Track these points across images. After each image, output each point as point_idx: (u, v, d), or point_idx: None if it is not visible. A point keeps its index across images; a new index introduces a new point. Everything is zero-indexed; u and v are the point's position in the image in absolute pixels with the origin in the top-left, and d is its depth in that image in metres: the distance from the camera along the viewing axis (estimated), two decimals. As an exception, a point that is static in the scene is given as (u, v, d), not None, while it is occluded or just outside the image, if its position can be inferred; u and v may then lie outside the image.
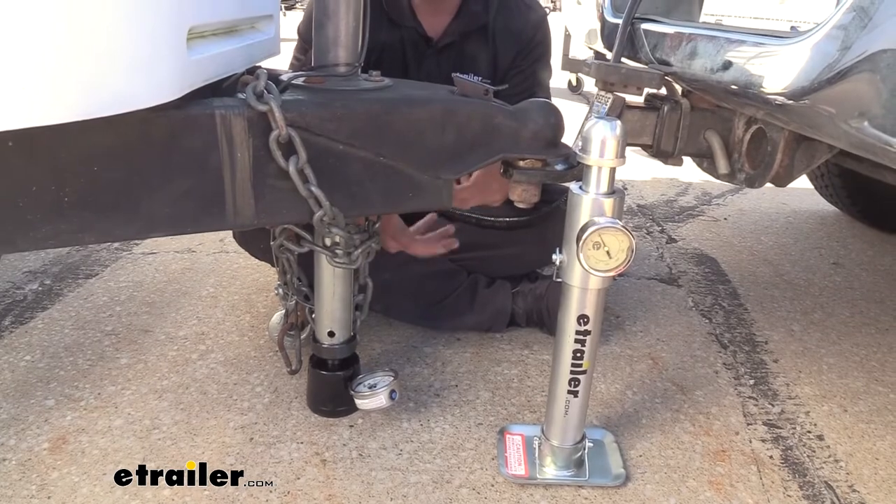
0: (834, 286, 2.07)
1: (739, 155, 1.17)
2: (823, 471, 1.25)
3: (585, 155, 0.95)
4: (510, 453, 1.23)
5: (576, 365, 1.07)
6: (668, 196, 2.96)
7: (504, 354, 1.59)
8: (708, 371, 1.56)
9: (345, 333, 1.27)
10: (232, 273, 1.97)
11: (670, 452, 1.27)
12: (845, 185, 2.57)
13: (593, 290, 1.01)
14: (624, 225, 0.92)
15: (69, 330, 1.62)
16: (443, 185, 1.03)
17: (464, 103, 1.02)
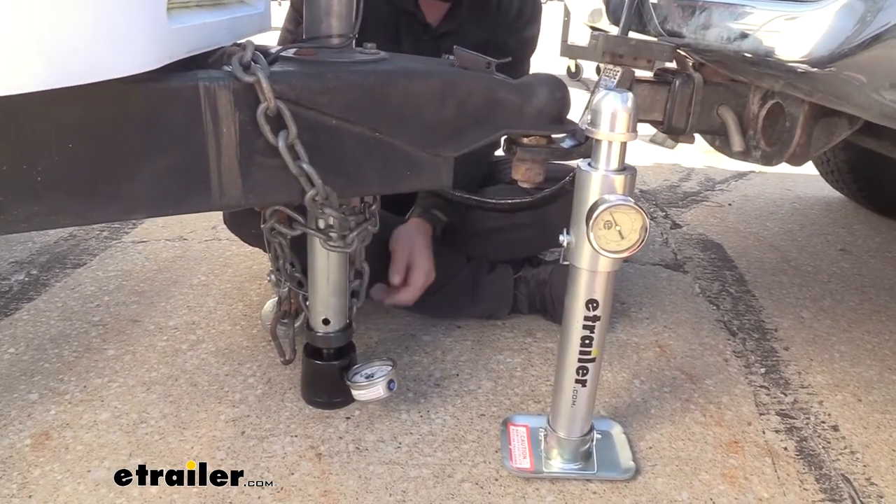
0: (842, 273, 2.03)
1: (755, 132, 1.12)
2: (840, 463, 1.20)
3: (595, 129, 0.89)
4: (514, 445, 1.18)
5: (584, 353, 1.02)
6: (671, 181, 2.91)
7: (506, 342, 1.54)
8: (717, 359, 1.51)
9: (340, 321, 1.22)
10: (224, 261, 1.91)
11: (681, 444, 1.22)
12: (851, 171, 2.53)
13: (603, 272, 0.96)
14: (637, 202, 0.86)
15: (55, 321, 1.57)
16: (442, 163, 0.97)
17: (465, 76, 0.97)
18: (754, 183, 2.95)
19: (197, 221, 2.17)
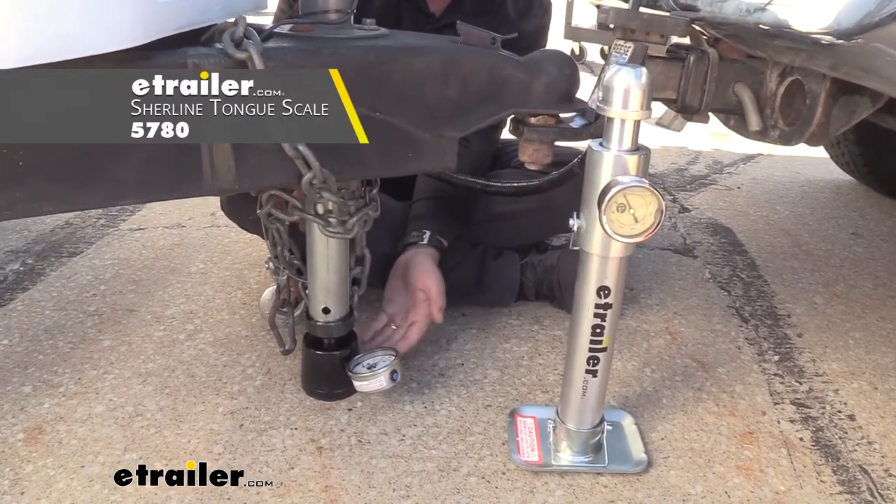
0: (855, 257, 1.98)
1: (772, 110, 1.07)
2: (857, 454, 1.16)
3: (607, 106, 0.84)
4: (522, 438, 1.14)
5: (595, 342, 0.98)
6: (679, 165, 2.86)
7: (513, 330, 1.50)
8: (730, 346, 1.47)
9: (341, 310, 1.18)
10: (223, 248, 1.87)
11: (694, 435, 1.18)
12: (863, 154, 2.47)
13: (615, 258, 0.92)
14: (652, 184, 0.82)
15: (50, 311, 1.53)
16: (446, 144, 0.93)
17: (469, 53, 0.93)
18: (763, 166, 2.90)
19: (196, 208, 2.13)
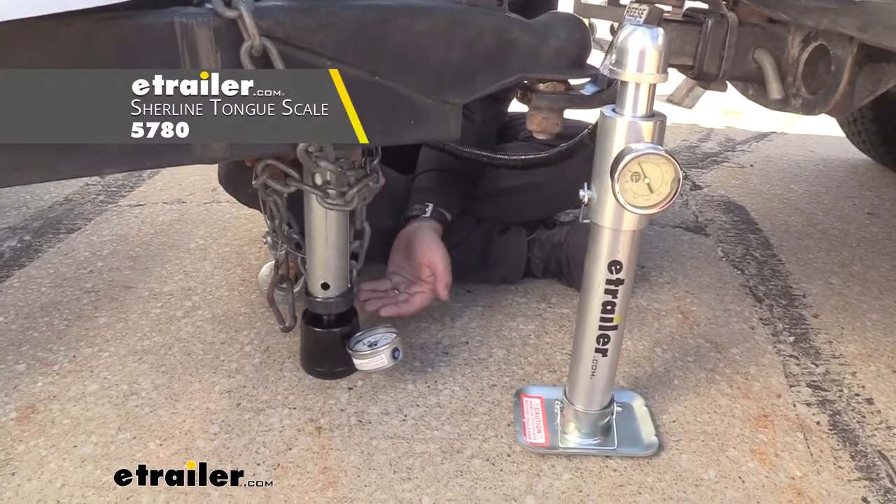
0: (871, 237, 1.93)
1: (794, 78, 1.01)
2: (876, 438, 1.12)
3: (620, 70, 0.79)
4: (528, 419, 1.10)
5: (605, 319, 0.94)
6: (690, 142, 2.80)
7: (519, 308, 1.46)
8: (743, 327, 1.42)
9: (341, 285, 1.14)
10: (223, 224, 1.83)
11: (707, 417, 1.14)
12: (880, 132, 2.41)
13: (628, 231, 0.87)
14: (668, 151, 0.77)
15: (46, 288, 1.49)
16: (450, 111, 0.88)
17: (474, 14, 0.87)
18: (776, 144, 2.84)
19: (196, 183, 2.08)
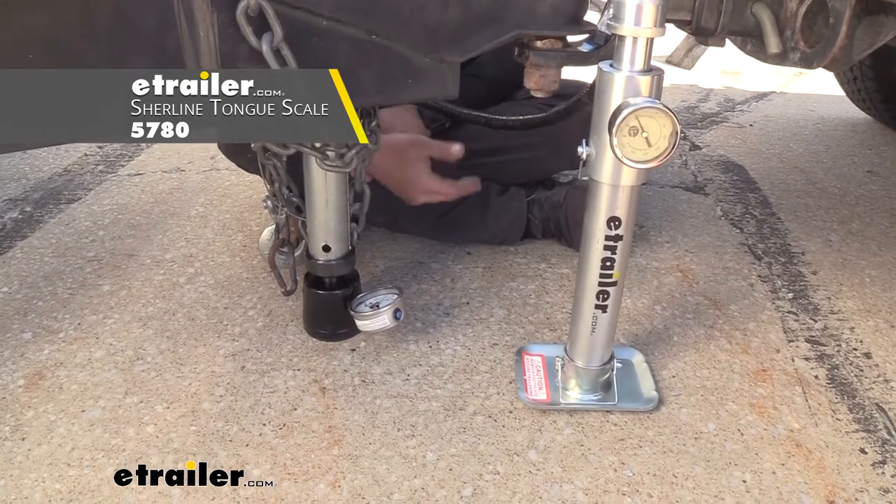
0: (870, 195, 1.93)
1: (793, 31, 1.00)
2: (873, 391, 1.14)
3: (618, 24, 0.79)
4: (529, 376, 1.11)
5: (605, 276, 0.94)
6: (689, 102, 2.79)
7: (519, 268, 1.47)
8: (742, 284, 1.43)
9: (342, 248, 1.14)
10: (223, 191, 1.84)
11: (706, 373, 1.16)
12: (880, 90, 2.40)
13: (626, 186, 0.87)
14: (666, 105, 0.77)
15: (49, 258, 1.50)
16: (447, 69, 0.87)
17: (470, -30, 0.86)
18: (776, 104, 2.83)
19: (195, 151, 2.09)
